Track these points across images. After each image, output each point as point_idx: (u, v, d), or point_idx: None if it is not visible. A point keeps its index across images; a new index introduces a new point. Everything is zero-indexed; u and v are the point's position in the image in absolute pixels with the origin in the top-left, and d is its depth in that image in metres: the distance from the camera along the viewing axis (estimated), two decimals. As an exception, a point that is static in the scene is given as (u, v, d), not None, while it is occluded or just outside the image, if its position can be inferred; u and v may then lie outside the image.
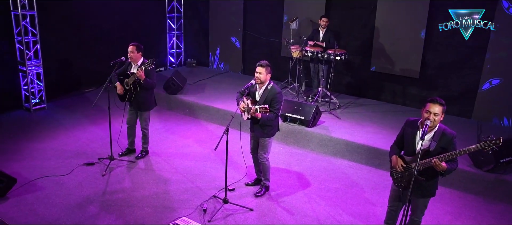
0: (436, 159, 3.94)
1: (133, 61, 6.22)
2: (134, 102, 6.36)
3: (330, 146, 7.21)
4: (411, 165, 4.19)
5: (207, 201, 5.46)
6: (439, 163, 3.93)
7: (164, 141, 7.44)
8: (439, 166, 3.94)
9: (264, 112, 5.02)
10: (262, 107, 5.01)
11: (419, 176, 4.04)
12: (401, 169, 4.26)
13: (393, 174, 4.43)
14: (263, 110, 5.00)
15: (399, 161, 4.28)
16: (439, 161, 3.93)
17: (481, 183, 6.08)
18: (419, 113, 4.16)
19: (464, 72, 8.36)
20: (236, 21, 11.05)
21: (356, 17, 9.38)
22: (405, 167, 4.24)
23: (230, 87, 9.95)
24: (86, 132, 7.58)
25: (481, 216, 5.54)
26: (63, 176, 5.95)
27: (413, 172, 3.95)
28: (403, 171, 4.26)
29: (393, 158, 4.35)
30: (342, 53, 8.22)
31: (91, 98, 9.37)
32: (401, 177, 4.31)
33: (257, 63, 5.30)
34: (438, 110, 4.00)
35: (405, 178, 4.28)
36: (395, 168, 4.34)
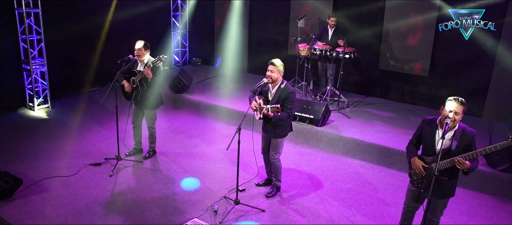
0: (460, 158, 3.82)
1: (139, 59, 6.09)
2: (140, 100, 6.23)
3: (340, 146, 7.08)
4: (432, 165, 4.06)
5: (218, 202, 5.33)
6: (463, 162, 3.82)
7: (171, 140, 7.31)
8: (463, 164, 3.82)
9: (276, 112, 4.89)
10: (273, 107, 4.88)
11: (441, 176, 3.92)
12: (423, 172, 4.11)
13: (412, 176, 4.30)
14: (275, 110, 4.87)
15: (420, 163, 4.15)
16: (463, 160, 3.81)
17: (496, 183, 5.96)
18: (429, 111, 4.04)
19: (474, 70, 8.23)
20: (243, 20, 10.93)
21: (364, 14, 9.24)
22: (426, 168, 4.11)
23: (236, 86, 9.85)
24: (91, 132, 7.47)
25: (497, 217, 5.41)
26: (69, 177, 5.83)
27: (434, 172, 3.84)
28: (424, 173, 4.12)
29: (414, 161, 4.21)
30: (351, 51, 8.08)
31: (96, 97, 9.26)
32: (422, 178, 4.19)
33: (270, 61, 5.18)
34: (459, 109, 3.90)
35: (426, 179, 4.15)
36: (415, 170, 4.20)
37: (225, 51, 11.39)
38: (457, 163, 3.84)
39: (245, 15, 10.88)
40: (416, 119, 7.98)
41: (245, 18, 10.92)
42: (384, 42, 9.04)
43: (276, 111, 4.88)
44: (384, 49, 9.08)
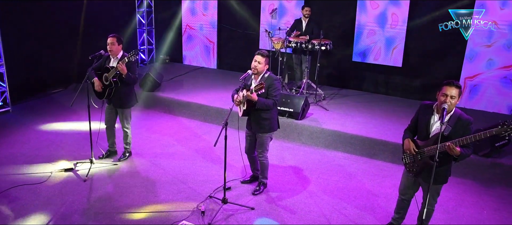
0: (451, 143, 3.76)
1: (112, 55, 5.70)
2: (113, 99, 5.84)
3: (321, 138, 6.96)
4: (424, 149, 4.00)
5: (204, 203, 5.06)
6: (454, 147, 3.75)
7: (146, 141, 6.94)
8: (453, 150, 3.76)
9: (259, 89, 4.65)
10: (257, 85, 4.65)
11: (431, 160, 3.86)
12: (413, 152, 4.06)
13: (405, 159, 4.22)
14: (259, 87, 4.63)
15: (411, 144, 4.09)
16: (453, 146, 3.75)
17: (479, 168, 6.03)
18: (403, 101, 3.98)
19: (446, 60, 8.36)
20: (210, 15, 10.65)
21: (337, 6, 9.20)
22: (417, 151, 4.05)
23: (208, 83, 9.57)
24: (58, 135, 6.96)
25: (482, 201, 5.46)
26: (39, 184, 5.36)
27: (427, 155, 3.86)
28: (415, 154, 4.06)
29: (406, 142, 4.16)
30: (328, 43, 8.00)
31: (60, 98, 8.72)
32: (413, 162, 4.12)
33: (257, 52, 4.95)
34: (455, 93, 3.84)
35: (417, 163, 4.10)
36: (407, 151, 4.13)
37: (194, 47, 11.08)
38: (447, 148, 3.78)
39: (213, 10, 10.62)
40: (393, 109, 8.07)
41: (213, 13, 10.66)
42: (357, 34, 9.03)
43: (259, 88, 4.64)
44: (357, 40, 9.07)
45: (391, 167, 6.27)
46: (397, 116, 7.63)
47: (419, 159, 4.07)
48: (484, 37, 7.91)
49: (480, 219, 5.03)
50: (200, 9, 10.85)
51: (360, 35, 9.00)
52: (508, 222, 5.02)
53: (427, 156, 3.95)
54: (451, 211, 5.13)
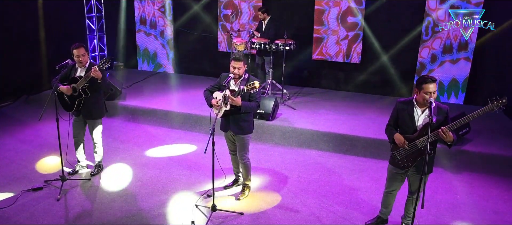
0: (445, 128, 3.95)
1: (81, 65, 5.38)
2: (83, 110, 5.51)
3: (294, 138, 7.03)
4: (415, 142, 4.16)
5: (192, 212, 4.91)
6: (447, 131, 3.95)
7: (116, 152, 6.62)
8: (447, 135, 3.96)
9: (251, 89, 4.62)
10: (249, 85, 4.61)
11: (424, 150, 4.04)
12: (406, 146, 4.20)
13: (396, 155, 4.35)
14: (251, 87, 4.61)
15: (402, 138, 4.23)
16: (447, 130, 3.96)
17: (446, 156, 6.37)
18: (365, 96, 4.14)
19: (402, 55, 8.77)
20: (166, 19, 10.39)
21: (295, 5, 9.33)
22: (410, 145, 4.20)
23: (168, 88, 9.33)
24: (18, 153, 6.45)
25: (454, 187, 5.77)
26: (6, 208, 4.92)
27: (419, 147, 4.09)
28: (408, 148, 4.21)
29: (397, 136, 4.26)
30: (291, 42, 8.08)
31: (8, 112, 8.07)
32: (406, 157, 4.27)
33: (232, 57, 4.86)
34: (434, 87, 4.07)
35: (410, 156, 4.24)
36: (400, 145, 4.25)
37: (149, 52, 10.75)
38: (441, 135, 3.97)
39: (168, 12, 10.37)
40: (357, 105, 8.33)
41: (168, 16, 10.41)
42: (316, 31, 9.21)
43: (252, 88, 4.61)
44: (317, 38, 9.26)
45: (365, 161, 6.46)
46: (362, 112, 7.89)
47: (412, 152, 4.22)
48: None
49: (456, 204, 5.32)
50: (154, 12, 10.54)
51: (319, 32, 9.18)
52: (481, 203, 5.35)
53: (420, 148, 4.12)
54: (429, 199, 5.37)
